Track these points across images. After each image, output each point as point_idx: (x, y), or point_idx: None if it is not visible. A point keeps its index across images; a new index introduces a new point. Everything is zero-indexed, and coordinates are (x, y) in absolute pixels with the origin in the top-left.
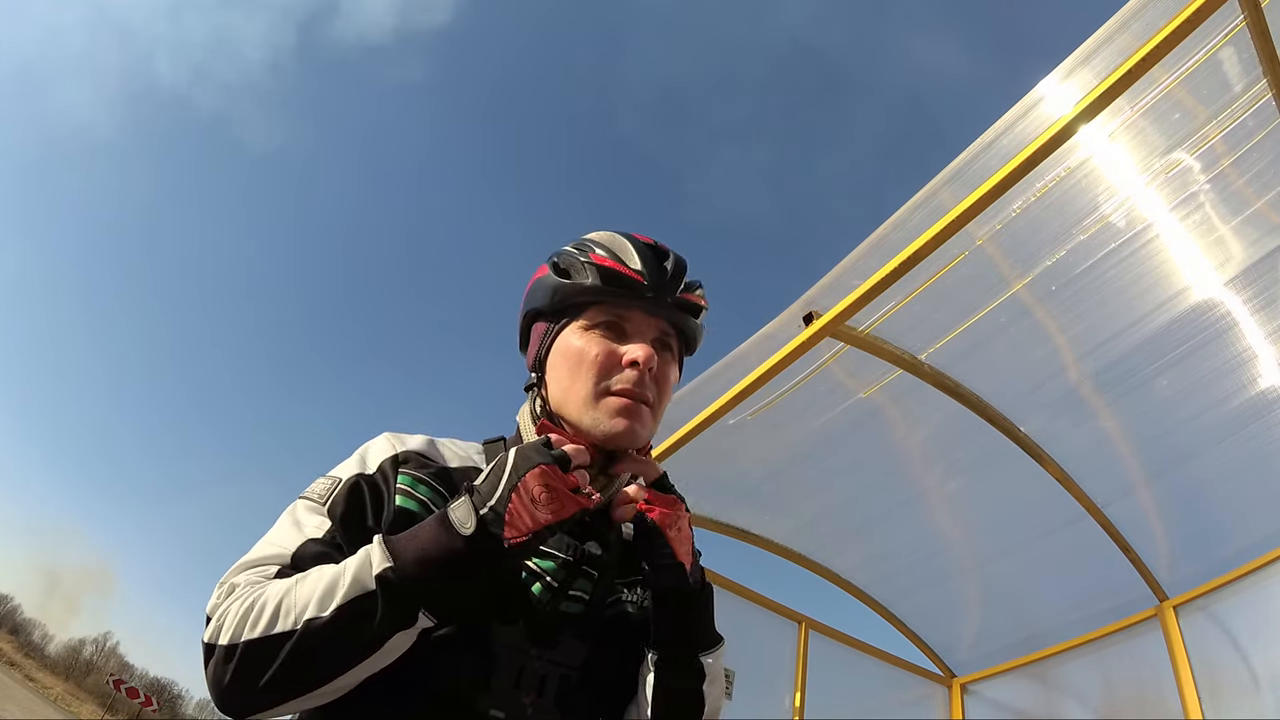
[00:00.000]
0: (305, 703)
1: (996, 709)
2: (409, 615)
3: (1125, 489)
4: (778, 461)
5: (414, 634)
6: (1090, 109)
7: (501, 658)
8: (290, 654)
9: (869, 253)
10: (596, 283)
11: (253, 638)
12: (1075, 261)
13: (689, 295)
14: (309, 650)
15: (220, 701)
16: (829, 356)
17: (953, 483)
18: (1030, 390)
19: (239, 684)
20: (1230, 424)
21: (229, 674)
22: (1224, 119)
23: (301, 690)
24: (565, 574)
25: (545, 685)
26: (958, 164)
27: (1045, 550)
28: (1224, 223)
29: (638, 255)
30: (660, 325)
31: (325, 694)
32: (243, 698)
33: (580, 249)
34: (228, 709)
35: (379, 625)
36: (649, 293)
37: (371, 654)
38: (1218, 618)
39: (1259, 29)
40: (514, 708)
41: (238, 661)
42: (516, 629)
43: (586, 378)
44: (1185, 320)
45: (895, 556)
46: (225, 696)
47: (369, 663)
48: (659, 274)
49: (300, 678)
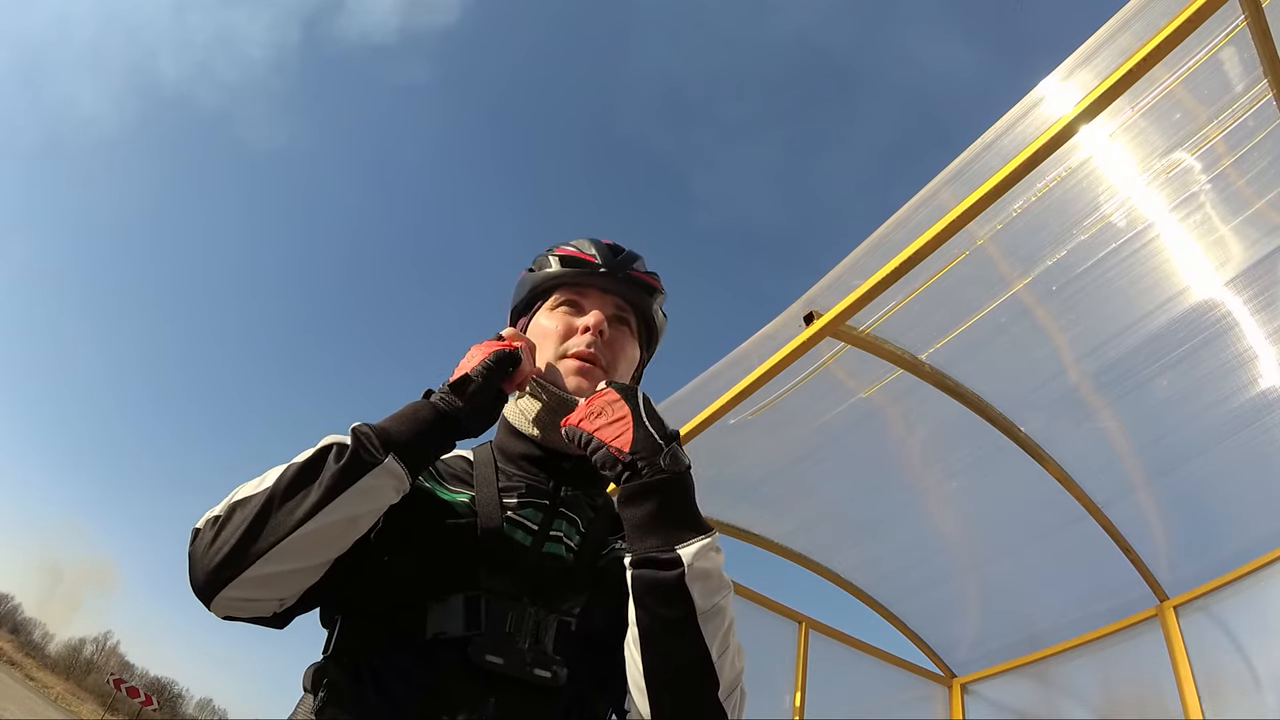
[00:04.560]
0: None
1: (997, 709)
2: (377, 452)
3: (1125, 489)
4: (778, 461)
5: (387, 490)
6: (1091, 109)
7: (494, 606)
8: (268, 499)
9: (869, 252)
10: (558, 268)
11: (238, 499)
12: (1076, 261)
13: (640, 273)
14: (286, 489)
15: (202, 571)
16: (829, 356)
17: (953, 482)
18: (1031, 390)
19: (219, 544)
20: (1231, 424)
21: (212, 537)
22: (1225, 119)
23: (279, 533)
24: (543, 516)
25: (541, 632)
26: (958, 164)
27: (1045, 550)
28: (1224, 223)
29: (594, 245)
30: (616, 301)
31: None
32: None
33: (549, 249)
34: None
35: (349, 461)
36: (601, 269)
37: (344, 490)
38: (1218, 618)
39: (1260, 29)
40: (511, 654)
41: (221, 523)
42: (505, 577)
43: (549, 348)
44: (1186, 320)
45: (895, 556)
46: (206, 562)
47: (344, 505)
48: (611, 256)
49: (279, 524)
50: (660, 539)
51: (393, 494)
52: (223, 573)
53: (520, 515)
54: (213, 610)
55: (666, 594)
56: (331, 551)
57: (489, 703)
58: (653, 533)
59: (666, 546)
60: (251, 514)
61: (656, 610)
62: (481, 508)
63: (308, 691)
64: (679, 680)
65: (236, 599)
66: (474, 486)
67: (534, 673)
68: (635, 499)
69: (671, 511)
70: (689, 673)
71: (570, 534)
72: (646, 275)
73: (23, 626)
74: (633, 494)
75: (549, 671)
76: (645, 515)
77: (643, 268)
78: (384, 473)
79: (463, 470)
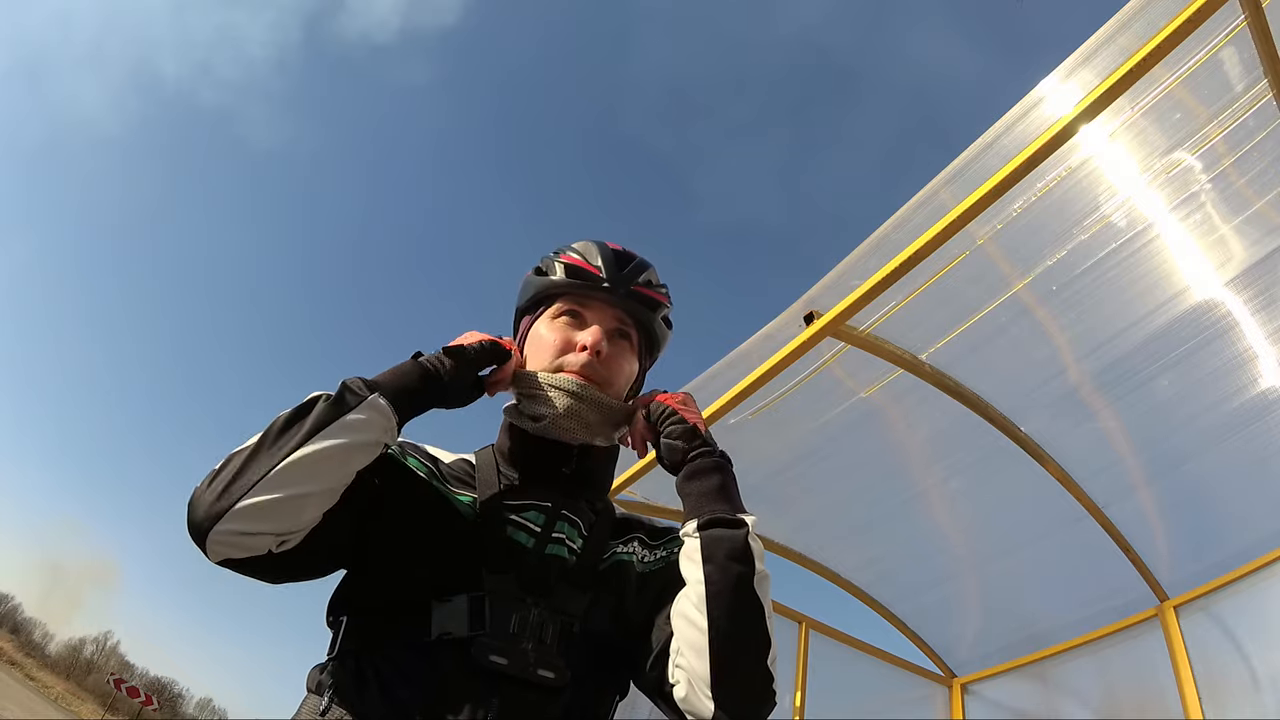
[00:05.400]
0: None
1: (997, 709)
2: (362, 390)
3: (1126, 489)
4: (778, 461)
5: (375, 424)
6: (1091, 109)
7: (497, 606)
8: (260, 439)
9: (870, 252)
10: (562, 277)
11: (234, 450)
12: (1076, 261)
13: (646, 289)
14: (279, 430)
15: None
16: (830, 356)
17: (953, 482)
18: (1031, 390)
19: (215, 484)
20: (1231, 424)
21: (208, 481)
22: (1225, 119)
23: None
24: (545, 518)
25: (545, 632)
26: (958, 164)
27: (1045, 550)
28: (1225, 223)
29: (600, 255)
30: (618, 315)
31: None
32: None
33: (556, 251)
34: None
35: (336, 398)
36: (605, 284)
37: (333, 421)
38: (1218, 618)
39: (1260, 29)
40: (515, 654)
41: (217, 470)
42: (509, 578)
43: (546, 359)
44: (1186, 320)
45: (896, 556)
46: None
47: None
48: (617, 269)
49: (271, 455)
50: (727, 507)
51: (381, 431)
52: (218, 504)
53: (523, 517)
54: (209, 553)
55: (736, 550)
56: (325, 480)
57: (493, 702)
58: (720, 501)
59: (732, 511)
60: (245, 455)
61: (726, 564)
62: (484, 509)
63: (311, 692)
64: (742, 634)
65: (232, 532)
66: (476, 488)
67: (537, 673)
68: (706, 472)
69: (730, 488)
70: (751, 627)
71: (573, 536)
72: (651, 290)
73: (23, 626)
74: (705, 468)
75: (552, 672)
76: (714, 486)
77: (651, 279)
78: (370, 407)
79: (465, 473)
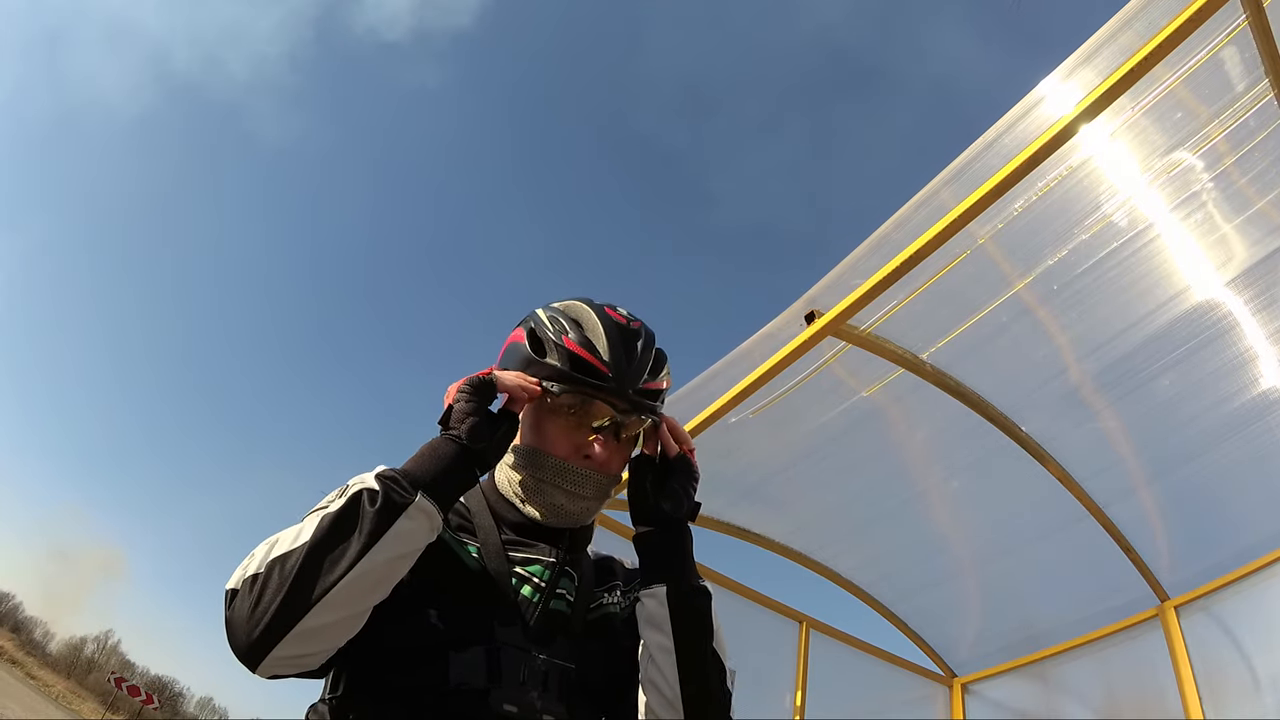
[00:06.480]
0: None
1: (997, 709)
2: (407, 493)
3: (1126, 489)
4: (779, 460)
5: (422, 529)
6: (1092, 108)
7: (507, 657)
8: (309, 552)
9: (870, 252)
10: (566, 368)
11: (275, 555)
12: (1077, 261)
13: (652, 384)
14: (326, 540)
15: (247, 634)
16: (830, 355)
17: (954, 482)
18: (1032, 390)
19: (264, 605)
20: (1231, 424)
21: (255, 599)
22: (1226, 118)
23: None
24: (550, 574)
25: (548, 681)
26: (959, 163)
27: (1046, 550)
28: (1226, 222)
29: (607, 341)
30: (622, 408)
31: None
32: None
33: (554, 325)
34: (257, 639)
35: (383, 504)
36: (613, 384)
37: (383, 535)
38: (1219, 618)
39: (1261, 28)
40: (524, 703)
41: (261, 582)
42: (515, 630)
43: (549, 449)
44: (1187, 320)
45: (896, 556)
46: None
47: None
48: (625, 364)
49: (324, 576)
50: (695, 574)
51: (428, 533)
52: (271, 632)
53: (528, 570)
54: (259, 672)
55: (705, 625)
56: (375, 597)
57: None
58: (690, 567)
59: (698, 578)
60: (294, 570)
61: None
62: (490, 561)
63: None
64: (704, 675)
65: (285, 657)
66: (476, 536)
67: (543, 719)
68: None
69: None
70: (712, 667)
71: (569, 589)
72: (654, 384)
73: (24, 625)
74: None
75: (555, 717)
76: (687, 548)
77: (656, 366)
78: (417, 511)
79: (462, 517)
